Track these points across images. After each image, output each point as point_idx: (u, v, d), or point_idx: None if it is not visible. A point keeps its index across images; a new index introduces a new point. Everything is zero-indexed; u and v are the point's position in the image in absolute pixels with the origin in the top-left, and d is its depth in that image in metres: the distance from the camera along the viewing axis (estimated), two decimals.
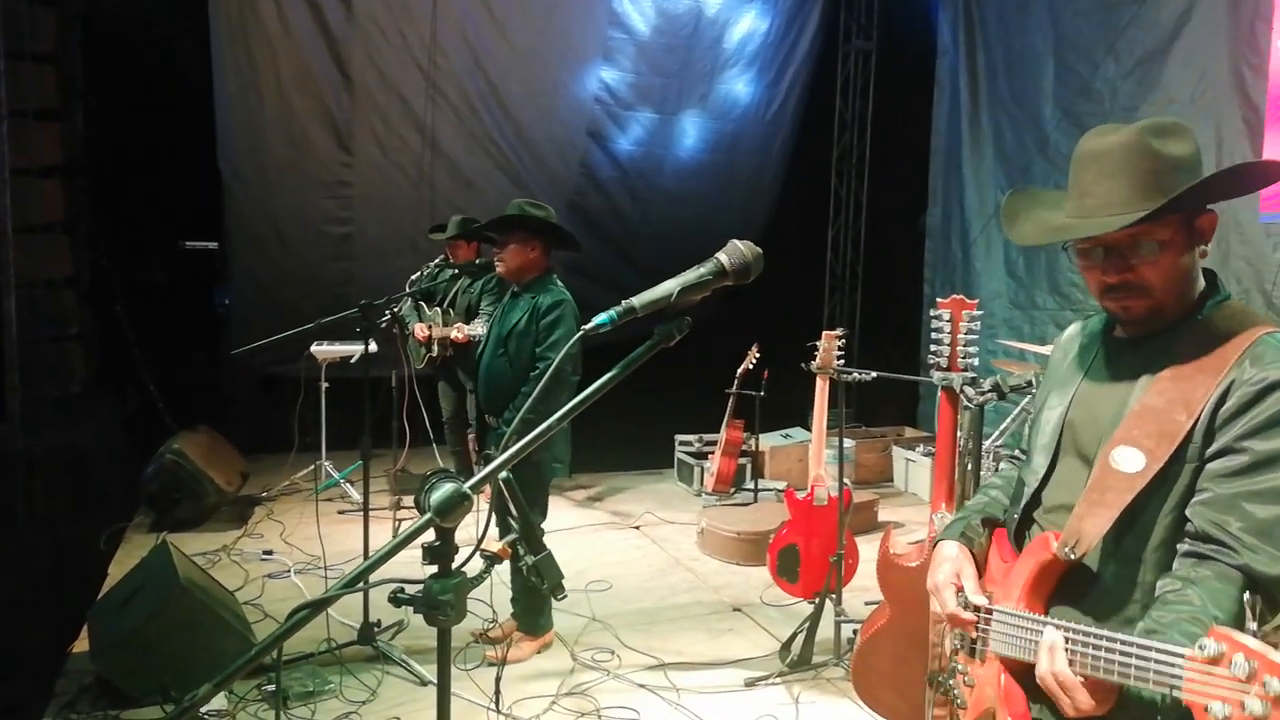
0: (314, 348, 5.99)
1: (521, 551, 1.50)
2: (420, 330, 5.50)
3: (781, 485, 6.40)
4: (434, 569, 1.36)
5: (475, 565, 1.42)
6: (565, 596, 1.63)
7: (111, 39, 7.02)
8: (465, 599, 1.37)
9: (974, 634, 1.73)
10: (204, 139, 6.98)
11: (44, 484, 6.03)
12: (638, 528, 5.95)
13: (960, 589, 1.74)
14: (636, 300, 1.41)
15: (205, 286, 8.76)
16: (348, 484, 6.20)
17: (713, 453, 6.62)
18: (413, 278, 5.87)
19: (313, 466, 6.29)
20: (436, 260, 5.88)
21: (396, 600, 1.35)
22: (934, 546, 1.93)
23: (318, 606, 1.32)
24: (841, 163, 9.03)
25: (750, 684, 3.74)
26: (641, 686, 3.69)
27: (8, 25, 6.02)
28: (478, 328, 4.99)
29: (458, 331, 5.26)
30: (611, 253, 8.33)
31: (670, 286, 1.43)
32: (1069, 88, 6.52)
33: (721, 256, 1.47)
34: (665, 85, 7.87)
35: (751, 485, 6.53)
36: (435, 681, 3.55)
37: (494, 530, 2.33)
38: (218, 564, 4.87)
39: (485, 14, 7.16)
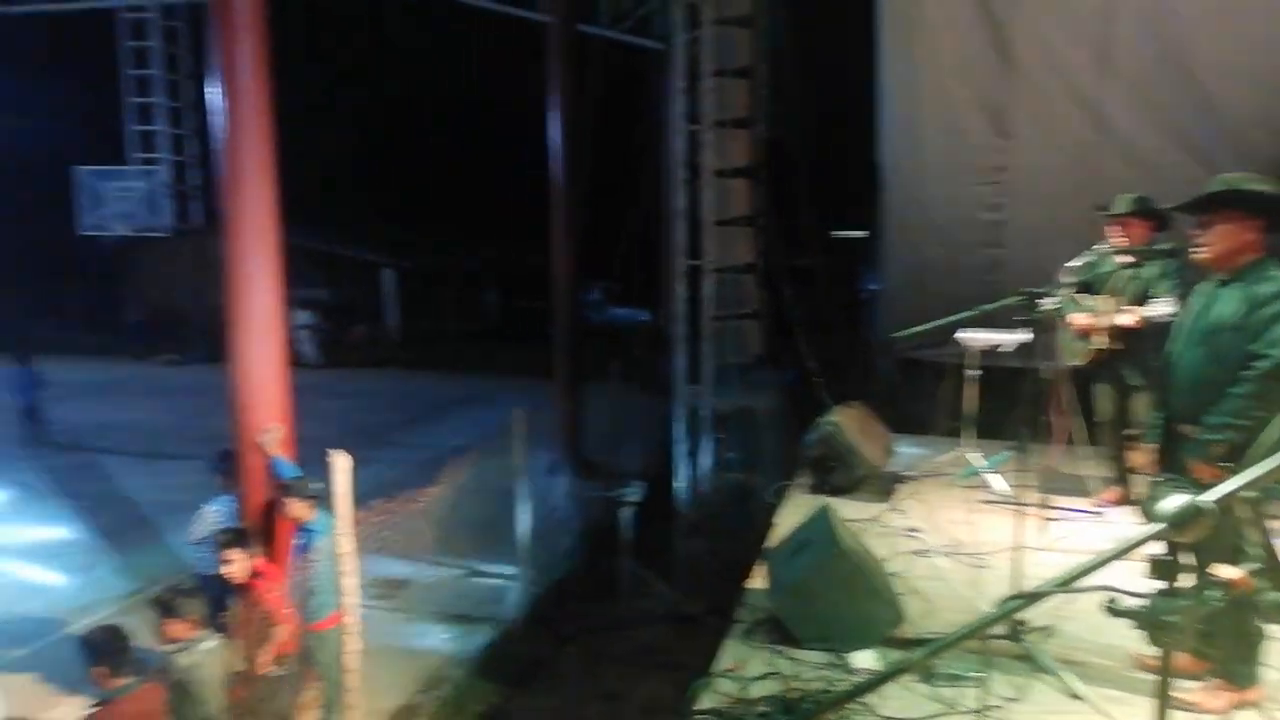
0: (961, 334, 6.00)
1: (1264, 585, 1.33)
2: (1080, 320, 5.16)
3: None
4: (1160, 584, 1.28)
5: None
6: None
7: (790, 51, 7.91)
8: (1194, 625, 1.27)
9: None
10: (858, 136, 7.48)
11: (728, 439, 7.16)
12: None
13: None
14: None
15: (854, 273, 9.41)
16: (991, 475, 6.11)
17: None
18: (1070, 264, 5.51)
19: (956, 452, 6.35)
20: (1100, 245, 5.41)
21: (1114, 612, 1.30)
22: None
23: (1031, 599, 1.34)
24: None
25: None
26: None
27: (719, 47, 7.16)
28: (1159, 308, 4.51)
29: (1130, 316, 4.80)
30: None
31: None
32: None
33: None
34: None
35: None
36: (1088, 698, 3.35)
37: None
38: (865, 533, 5.18)
39: None
